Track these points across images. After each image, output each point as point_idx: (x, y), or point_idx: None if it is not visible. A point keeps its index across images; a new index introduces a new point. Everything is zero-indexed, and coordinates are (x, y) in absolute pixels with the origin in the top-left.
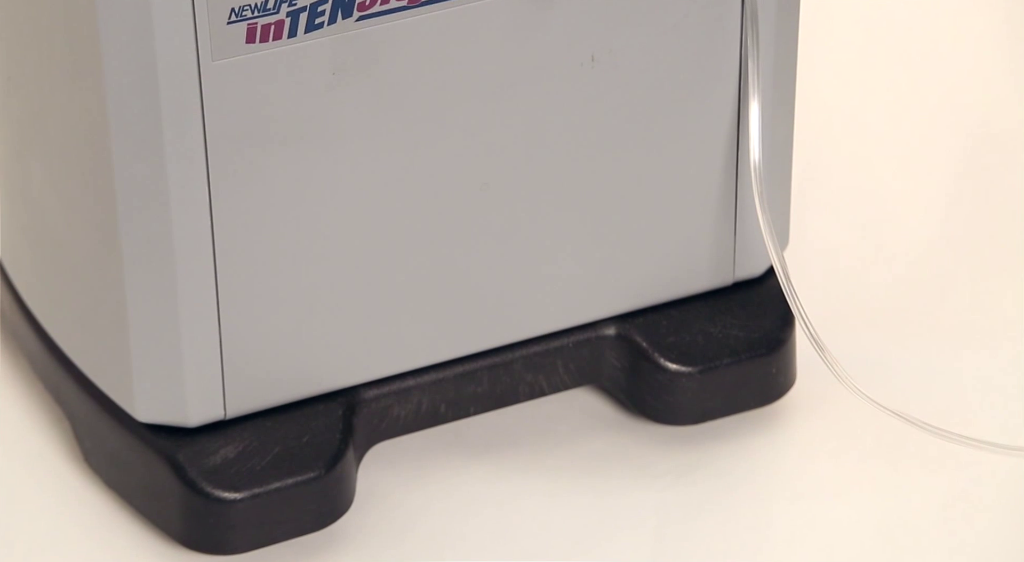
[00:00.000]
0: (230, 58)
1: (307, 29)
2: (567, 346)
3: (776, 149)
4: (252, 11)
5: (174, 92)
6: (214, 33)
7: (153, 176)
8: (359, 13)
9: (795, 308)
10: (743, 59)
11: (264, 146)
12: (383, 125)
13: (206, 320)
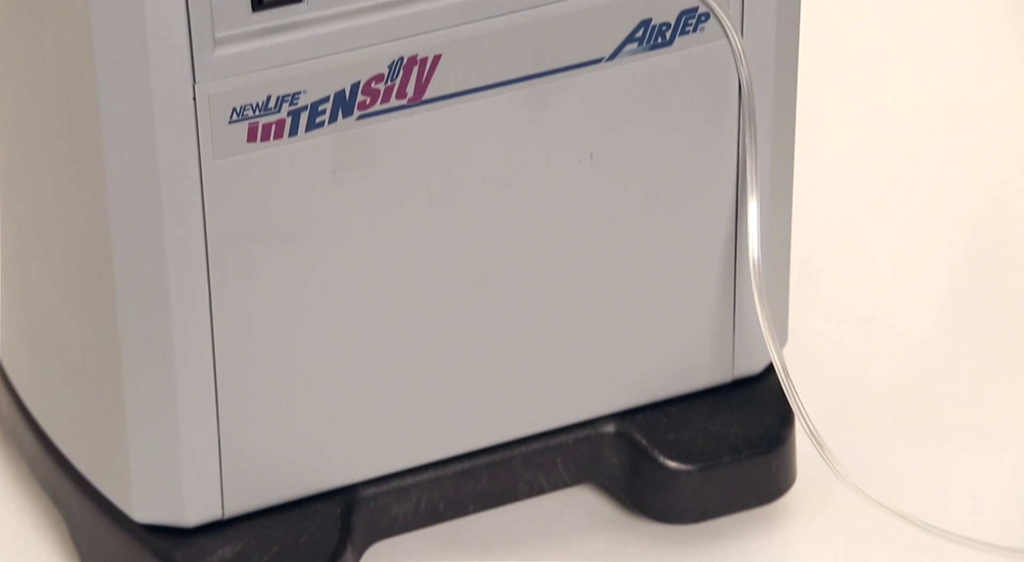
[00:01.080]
0: (231, 157)
1: (308, 128)
2: (566, 444)
3: (774, 246)
4: (253, 111)
5: (175, 191)
6: (215, 133)
7: (153, 275)
8: (360, 112)
9: (795, 406)
10: (741, 156)
11: (264, 244)
12: (383, 222)
13: (205, 419)
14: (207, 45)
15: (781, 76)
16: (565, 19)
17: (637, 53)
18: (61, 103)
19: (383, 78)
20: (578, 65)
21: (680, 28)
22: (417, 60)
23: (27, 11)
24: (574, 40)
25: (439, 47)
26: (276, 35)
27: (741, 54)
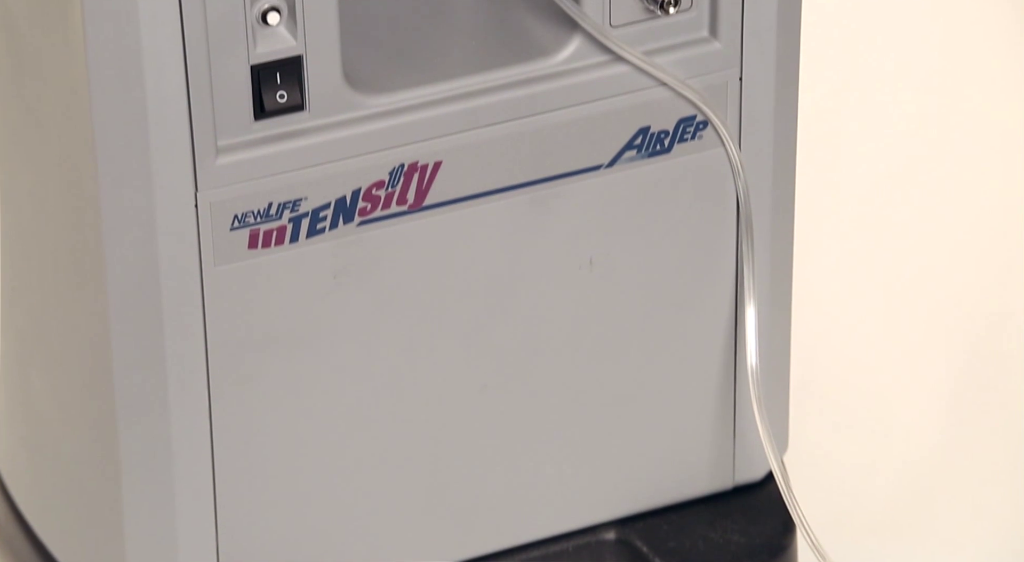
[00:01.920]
0: (232, 264)
1: (309, 234)
2: (567, 550)
3: (774, 352)
4: (255, 217)
5: (176, 298)
6: (217, 240)
7: (153, 382)
8: (360, 218)
9: (795, 514)
10: (739, 263)
11: (264, 350)
12: (383, 327)
13: (203, 525)
14: (209, 153)
15: (779, 186)
16: (565, 126)
17: (636, 160)
18: (63, 212)
19: (384, 185)
20: (577, 172)
21: (679, 136)
22: (418, 167)
23: (31, 120)
24: (573, 147)
25: (439, 154)
26: (278, 143)
27: (739, 165)
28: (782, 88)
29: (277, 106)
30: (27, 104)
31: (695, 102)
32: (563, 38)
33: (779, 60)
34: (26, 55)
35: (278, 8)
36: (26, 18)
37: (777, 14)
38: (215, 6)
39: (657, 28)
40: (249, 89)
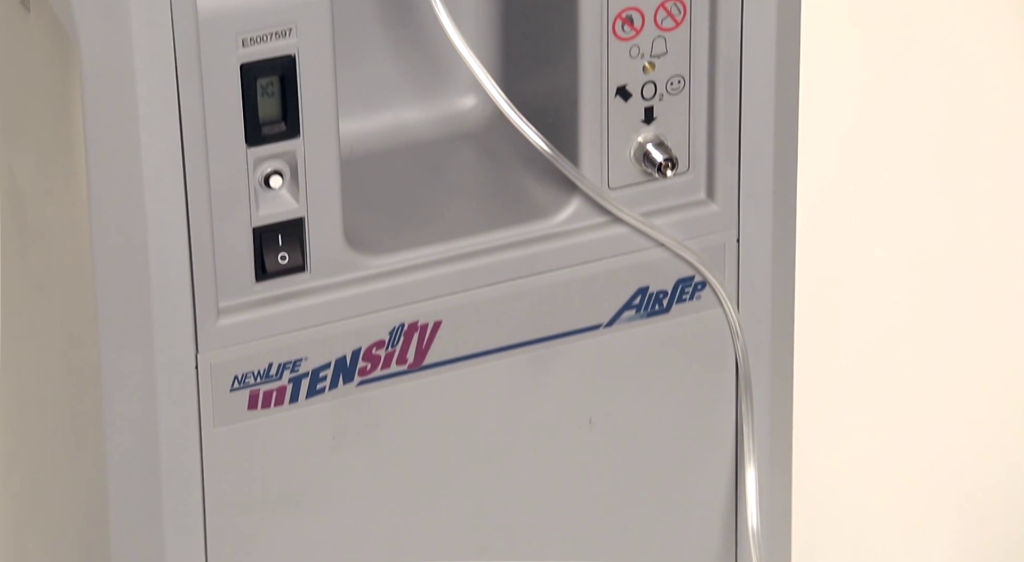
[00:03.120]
0: (232, 425)
1: (309, 394)
2: None
3: (775, 514)
4: (255, 378)
5: (175, 459)
6: (217, 401)
7: (151, 544)
8: (360, 378)
9: None
10: (739, 424)
11: (262, 510)
12: (382, 488)
13: None
14: (211, 315)
15: (778, 346)
16: (564, 286)
17: (635, 320)
18: (64, 375)
19: (384, 344)
20: (576, 331)
21: (677, 296)
22: (418, 326)
23: (33, 285)
24: (573, 307)
25: (439, 313)
26: (279, 304)
27: (738, 326)
28: (779, 249)
29: (279, 267)
30: (30, 268)
31: (693, 263)
32: (562, 199)
33: (776, 222)
34: (30, 220)
35: (280, 172)
36: (31, 184)
37: (773, 176)
38: (218, 170)
39: (655, 190)
40: (251, 251)
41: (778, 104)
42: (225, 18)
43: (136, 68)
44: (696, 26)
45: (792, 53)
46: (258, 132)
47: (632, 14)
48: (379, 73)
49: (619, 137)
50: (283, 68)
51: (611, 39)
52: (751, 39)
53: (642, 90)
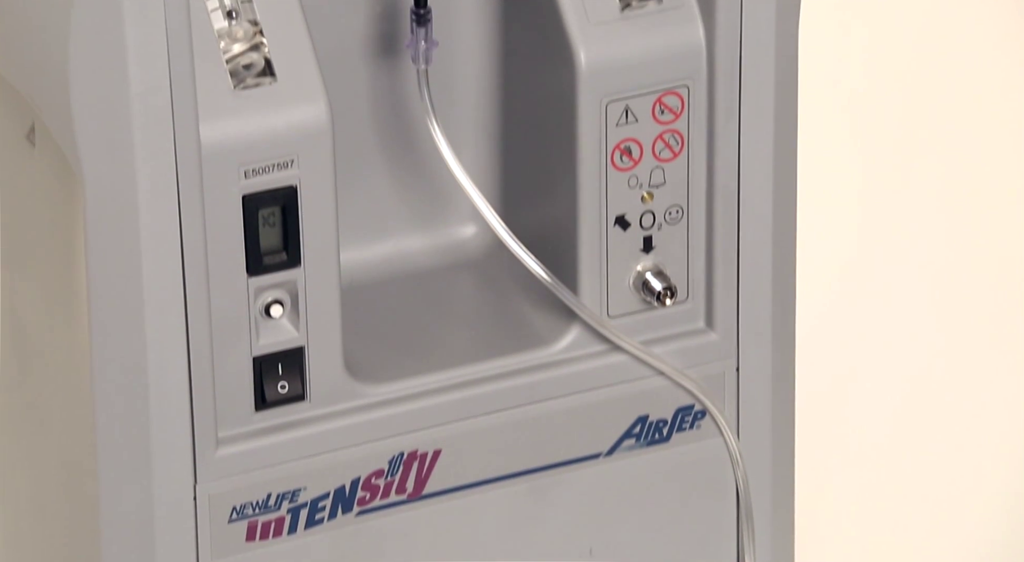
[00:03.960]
0: (230, 557)
1: (307, 525)
2: None
3: None
4: (253, 509)
5: None
6: (215, 532)
7: None
8: (359, 508)
9: None
10: (740, 553)
11: None
12: None
13: None
14: (210, 446)
15: (778, 476)
16: (564, 414)
17: (635, 449)
18: (62, 505)
19: (383, 474)
20: (576, 460)
21: (677, 425)
22: (417, 455)
23: (32, 418)
24: (572, 435)
25: (439, 442)
26: (278, 433)
27: (738, 455)
28: (779, 378)
29: (278, 397)
30: (30, 401)
31: (693, 392)
32: (562, 327)
33: (775, 351)
34: (31, 353)
35: (281, 301)
36: (33, 314)
37: (772, 306)
38: (219, 300)
39: (654, 319)
40: (251, 380)
41: (776, 234)
42: (228, 150)
43: (139, 200)
44: (694, 157)
45: (789, 183)
46: (259, 262)
47: (631, 145)
48: (379, 202)
49: (618, 266)
50: (285, 198)
51: (610, 169)
52: (748, 170)
53: (641, 219)
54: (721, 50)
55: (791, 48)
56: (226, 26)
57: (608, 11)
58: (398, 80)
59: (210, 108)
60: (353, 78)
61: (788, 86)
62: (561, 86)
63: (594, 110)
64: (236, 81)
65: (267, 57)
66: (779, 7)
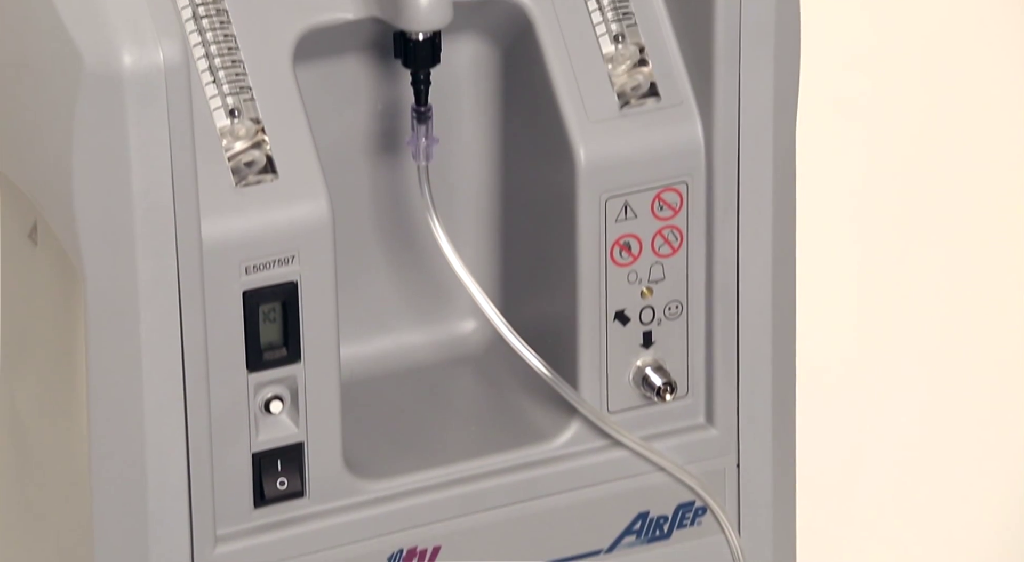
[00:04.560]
0: None
1: None
2: None
3: None
4: None
5: None
6: None
7: None
8: None
9: None
10: None
11: None
12: None
13: None
14: (208, 544)
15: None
16: (564, 510)
17: (635, 545)
18: None
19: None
20: (577, 557)
21: (678, 521)
22: (417, 552)
23: (30, 517)
24: (573, 531)
25: (439, 538)
26: (277, 530)
27: (739, 552)
28: (780, 474)
29: (277, 493)
30: (28, 500)
31: (694, 488)
32: (562, 423)
33: (775, 447)
34: (30, 447)
35: (280, 397)
36: (32, 412)
37: (772, 401)
38: (219, 396)
39: (654, 414)
40: (250, 477)
41: (775, 330)
42: (229, 247)
43: (140, 297)
44: (693, 253)
45: (788, 279)
46: (259, 358)
47: (630, 241)
48: (380, 297)
49: (618, 361)
50: (285, 294)
51: (609, 264)
52: (747, 266)
53: (640, 315)
54: (719, 147)
55: (789, 145)
56: (228, 124)
57: (607, 109)
58: (399, 176)
59: (211, 205)
60: (354, 174)
61: (786, 183)
62: (561, 182)
63: (593, 206)
64: (238, 178)
65: (269, 154)
66: (776, 105)
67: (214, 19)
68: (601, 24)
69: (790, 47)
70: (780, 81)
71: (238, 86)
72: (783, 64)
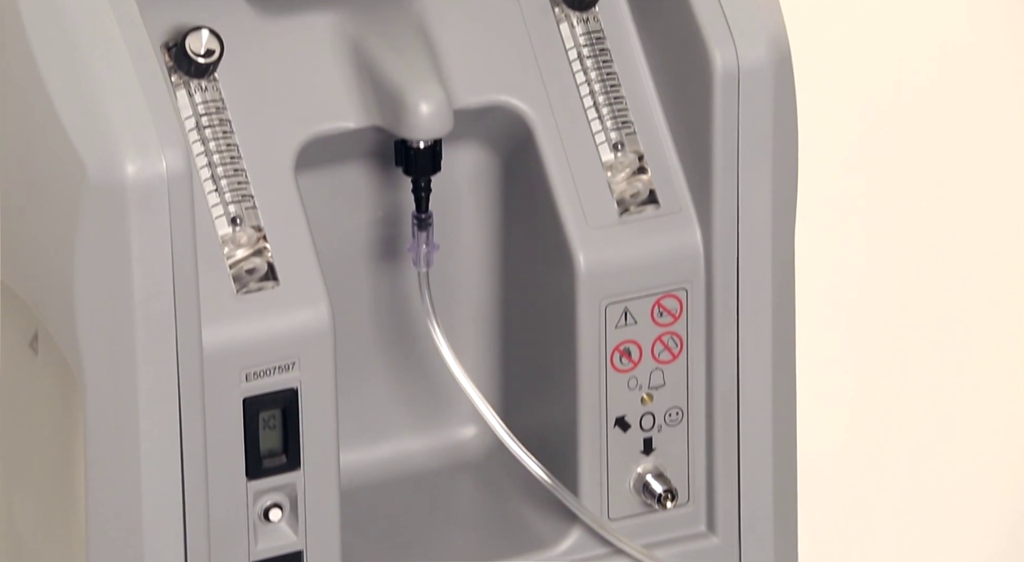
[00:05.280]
0: None
1: None
2: None
3: None
4: None
5: None
6: None
7: None
8: None
9: None
10: None
11: None
12: None
13: None
14: None
15: None
16: None
17: None
18: None
19: None
20: None
21: None
22: None
23: None
24: None
25: None
26: None
27: None
28: None
29: None
30: None
31: None
32: (563, 530)
33: (777, 555)
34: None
35: (280, 504)
36: (30, 523)
37: (773, 509)
38: (218, 504)
39: (656, 522)
40: None
41: (776, 437)
42: (229, 354)
43: (139, 405)
44: (693, 359)
45: (788, 386)
46: (259, 465)
47: (630, 347)
48: (380, 403)
49: (618, 468)
50: (285, 401)
51: (609, 371)
52: (748, 373)
53: (641, 421)
54: (719, 254)
55: (788, 251)
56: (230, 232)
57: (607, 215)
58: (400, 282)
59: (212, 313)
60: (355, 280)
61: (785, 288)
62: (561, 288)
63: (593, 312)
64: (239, 285)
65: (270, 261)
66: (775, 211)
67: (217, 129)
68: (600, 132)
69: (788, 153)
70: (778, 187)
71: (240, 194)
72: (781, 170)
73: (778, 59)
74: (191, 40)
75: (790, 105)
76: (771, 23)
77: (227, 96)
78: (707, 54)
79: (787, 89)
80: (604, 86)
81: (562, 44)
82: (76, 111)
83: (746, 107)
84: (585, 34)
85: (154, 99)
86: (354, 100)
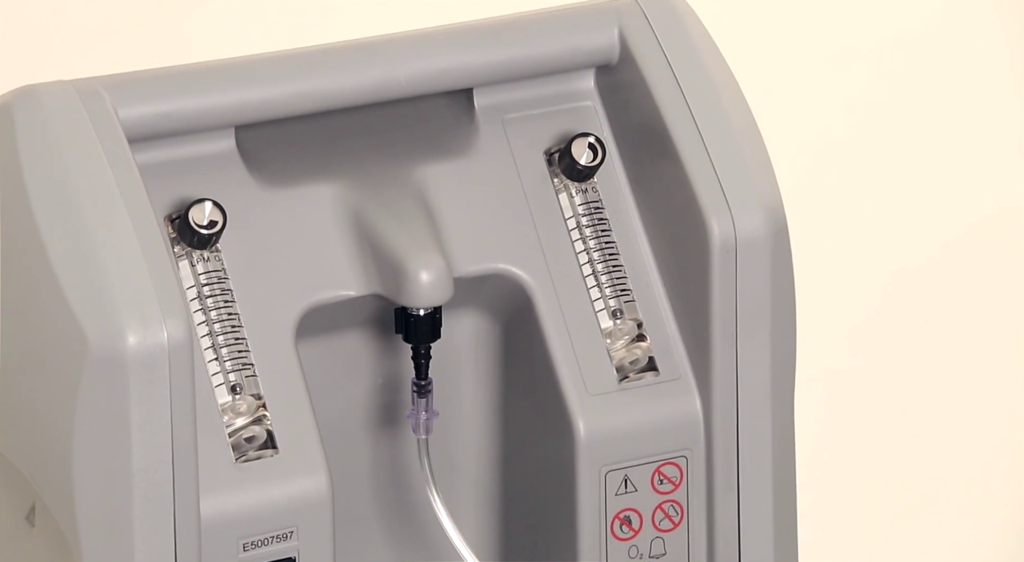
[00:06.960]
0: None
1: None
2: None
3: None
4: None
5: None
6: None
7: None
8: None
9: None
10: None
11: None
12: None
13: None
14: None
15: None
16: None
17: None
18: None
19: None
20: None
21: None
22: None
23: None
24: None
25: None
26: None
27: None
28: None
29: None
30: None
31: None
32: None
33: None
34: None
35: None
36: None
37: None
38: None
39: None
40: None
41: None
42: (227, 524)
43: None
44: (694, 527)
45: (791, 551)
46: None
47: (630, 514)
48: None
49: None
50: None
51: (610, 538)
52: (748, 540)
53: None
54: (718, 421)
55: (787, 418)
56: (230, 401)
57: (606, 383)
58: (399, 449)
59: (211, 482)
60: (355, 447)
61: (786, 456)
62: (560, 455)
63: (593, 479)
64: (238, 454)
65: (269, 429)
66: (774, 378)
67: (218, 298)
68: (600, 300)
69: (786, 321)
70: (777, 354)
71: (240, 363)
72: (779, 338)
73: (775, 230)
74: (194, 212)
75: (787, 274)
76: (767, 194)
77: (229, 265)
78: (704, 225)
79: (784, 258)
80: (603, 254)
81: (561, 213)
82: (78, 281)
83: (744, 277)
84: (584, 204)
85: (156, 270)
86: (355, 268)
